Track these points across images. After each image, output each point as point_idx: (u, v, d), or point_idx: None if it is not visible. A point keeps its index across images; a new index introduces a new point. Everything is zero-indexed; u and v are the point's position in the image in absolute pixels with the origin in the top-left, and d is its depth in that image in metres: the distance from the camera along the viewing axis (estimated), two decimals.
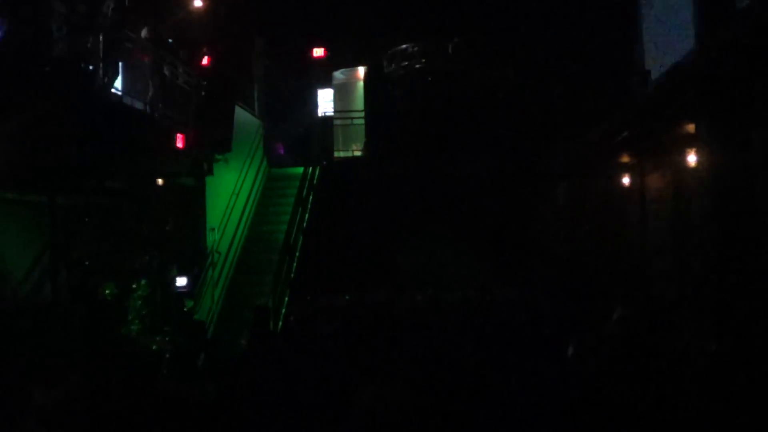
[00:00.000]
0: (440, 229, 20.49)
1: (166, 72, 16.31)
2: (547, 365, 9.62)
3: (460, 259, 20.02)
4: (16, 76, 11.03)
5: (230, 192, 19.19)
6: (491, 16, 20.74)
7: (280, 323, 16.21)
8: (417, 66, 22.51)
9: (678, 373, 9.30)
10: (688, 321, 11.03)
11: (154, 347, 13.77)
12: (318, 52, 23.35)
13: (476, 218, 20.34)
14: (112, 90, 14.30)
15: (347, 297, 15.40)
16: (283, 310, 17.10)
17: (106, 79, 13.67)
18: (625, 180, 15.78)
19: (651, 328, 10.82)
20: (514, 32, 20.23)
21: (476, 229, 20.25)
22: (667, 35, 13.54)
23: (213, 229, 18.30)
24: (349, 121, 23.75)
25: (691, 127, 11.78)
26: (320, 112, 24.16)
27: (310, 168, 21.52)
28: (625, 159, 15.61)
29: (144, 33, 15.44)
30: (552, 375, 8.62)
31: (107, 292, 13.57)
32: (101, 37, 13.28)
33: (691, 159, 11.93)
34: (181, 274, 16.35)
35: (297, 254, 18.92)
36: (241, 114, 20.06)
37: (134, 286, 14.06)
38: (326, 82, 24.34)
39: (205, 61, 17.68)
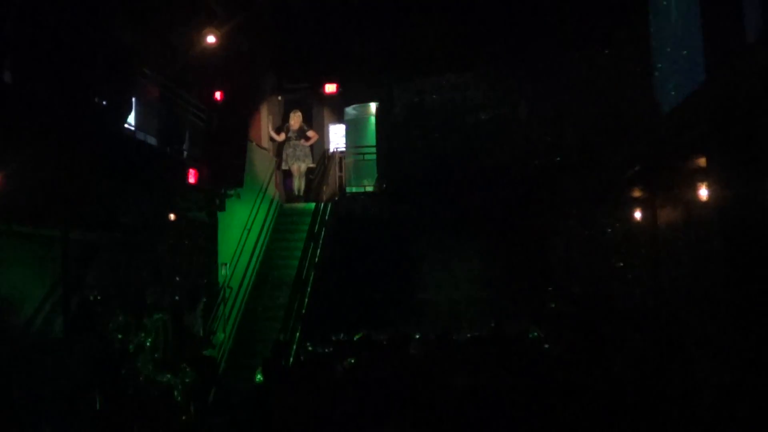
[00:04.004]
0: (452, 264, 20.48)
1: (179, 107, 16.40)
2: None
3: (472, 294, 19.98)
4: (29, 110, 11.10)
5: (242, 227, 19.21)
6: (503, 52, 20.78)
7: (291, 359, 16.15)
8: (428, 101, 22.58)
9: (693, 407, 9.23)
10: (704, 356, 10.95)
11: (165, 382, 13.71)
12: (330, 88, 23.46)
13: (488, 252, 20.30)
14: (125, 125, 14.39)
15: (359, 334, 15.37)
16: (294, 346, 17.05)
17: (119, 115, 13.76)
18: (637, 214, 15.74)
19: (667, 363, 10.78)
20: (527, 65, 20.27)
21: (488, 263, 20.21)
22: (678, 67, 13.56)
23: (225, 265, 18.30)
24: (360, 157, 23.81)
25: (702, 161, 11.77)
26: (332, 148, 24.25)
27: (322, 203, 21.57)
28: (637, 193, 15.59)
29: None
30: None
31: (118, 327, 13.57)
32: (115, 73, 13.39)
33: (703, 192, 11.89)
34: (192, 310, 16.35)
35: (308, 290, 18.89)
36: (253, 149, 20.15)
37: (146, 321, 14.02)
38: (338, 118, 24.45)
39: (218, 96, 17.76)
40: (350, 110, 24.23)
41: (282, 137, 22.61)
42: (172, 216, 16.49)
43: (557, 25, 19.08)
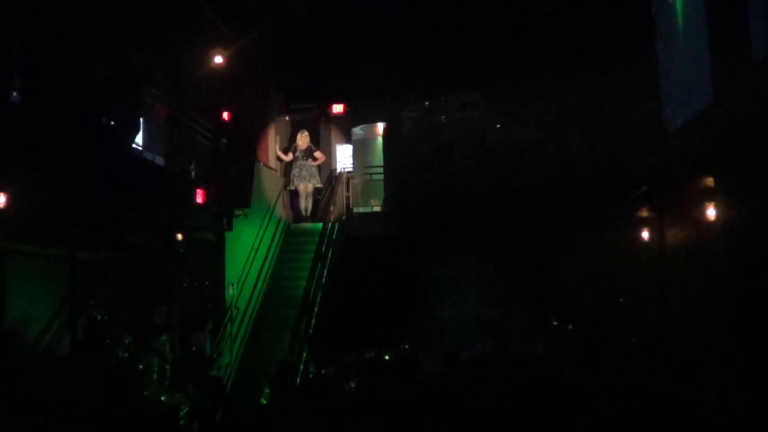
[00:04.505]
0: (460, 284, 20.43)
1: (187, 127, 16.44)
2: None
3: (480, 314, 19.92)
4: (38, 130, 11.14)
5: (249, 247, 19.19)
6: (512, 73, 20.79)
7: (298, 379, 16.11)
8: (436, 121, 22.60)
9: (701, 427, 9.18)
10: (710, 374, 10.91)
11: (172, 402, 13.69)
12: (337, 108, 23.46)
13: (496, 272, 20.27)
14: (133, 145, 14.43)
15: (367, 353, 15.34)
16: (301, 366, 17.01)
17: (127, 135, 13.81)
18: (645, 234, 15.71)
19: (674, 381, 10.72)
20: (534, 86, 20.27)
21: (496, 283, 20.18)
22: (685, 87, 13.57)
23: (232, 284, 18.28)
24: (368, 177, 23.82)
25: (709, 180, 11.75)
26: (339, 168, 24.24)
27: (329, 223, 21.55)
28: (645, 213, 15.57)
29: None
30: None
31: (125, 347, 13.57)
32: (123, 93, 13.45)
33: (711, 212, 11.87)
34: (199, 330, 16.33)
35: (316, 309, 18.85)
36: (260, 169, 20.17)
37: (153, 341, 14.02)
38: (346, 138, 24.46)
39: (225, 116, 17.78)
40: (357, 130, 24.24)
41: (289, 157, 22.60)
42: (179, 236, 16.50)
43: (565, 45, 19.12)
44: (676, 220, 14.57)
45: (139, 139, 14.78)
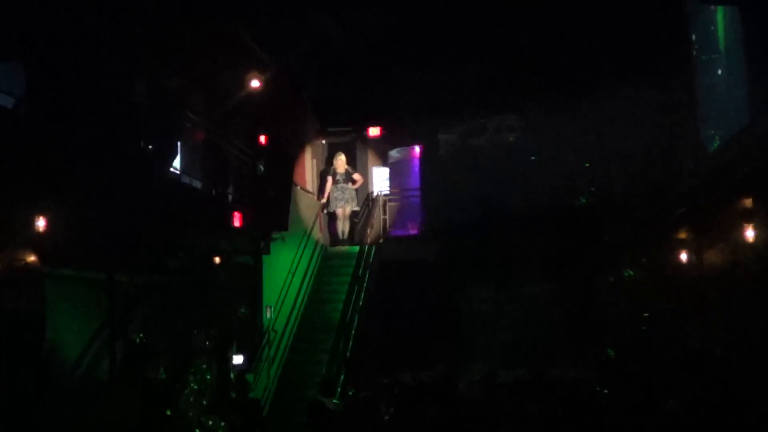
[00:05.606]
0: (498, 306, 20.38)
1: (224, 151, 16.55)
2: None
3: (519, 336, 19.84)
4: (78, 155, 11.25)
5: (287, 270, 19.24)
6: (549, 95, 20.74)
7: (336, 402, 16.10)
8: (472, 143, 22.57)
9: None
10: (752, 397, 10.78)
11: (210, 425, 13.71)
12: (374, 131, 23.46)
13: (534, 294, 20.20)
14: (171, 169, 14.55)
15: (405, 376, 15.28)
16: (339, 389, 17.00)
17: (165, 159, 13.93)
18: (684, 256, 15.58)
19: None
20: (571, 108, 20.22)
21: (535, 305, 20.10)
22: (723, 108, 13.50)
23: (269, 307, 18.32)
24: (404, 200, 23.83)
25: (748, 202, 11.66)
26: (376, 191, 24.23)
27: (366, 246, 21.55)
28: (683, 234, 15.45)
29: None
30: None
31: (164, 370, 13.62)
32: (161, 118, 13.58)
33: (750, 234, 11.77)
34: (238, 352, 16.35)
35: (353, 332, 18.84)
36: (297, 192, 20.25)
37: (192, 364, 14.06)
38: (382, 161, 24.49)
39: (262, 139, 17.86)
40: (394, 153, 24.29)
41: (330, 183, 22.54)
42: (217, 259, 16.57)
43: (603, 68, 19.07)
44: (714, 242, 14.45)
45: (176, 163, 14.90)
